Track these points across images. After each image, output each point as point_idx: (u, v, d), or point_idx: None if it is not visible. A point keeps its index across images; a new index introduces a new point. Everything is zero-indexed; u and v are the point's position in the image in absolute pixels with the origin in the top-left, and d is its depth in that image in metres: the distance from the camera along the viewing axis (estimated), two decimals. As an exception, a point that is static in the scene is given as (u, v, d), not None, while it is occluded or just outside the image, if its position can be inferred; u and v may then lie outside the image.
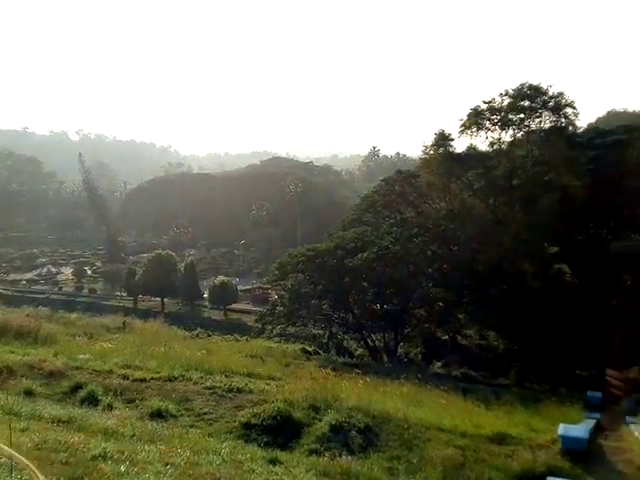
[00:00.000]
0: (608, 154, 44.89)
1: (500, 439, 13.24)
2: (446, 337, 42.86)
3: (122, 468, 6.82)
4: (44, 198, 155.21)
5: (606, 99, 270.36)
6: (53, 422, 10.08)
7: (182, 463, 8.04)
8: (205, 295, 75.37)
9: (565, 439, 12.63)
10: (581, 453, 12.42)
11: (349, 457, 11.51)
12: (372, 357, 39.88)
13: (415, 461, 11.93)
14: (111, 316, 44.29)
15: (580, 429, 13.62)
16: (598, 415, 19.56)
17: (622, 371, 36.26)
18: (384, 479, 10.58)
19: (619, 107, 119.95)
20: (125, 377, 15.56)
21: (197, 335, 44.69)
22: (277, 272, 44.90)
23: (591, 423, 16.40)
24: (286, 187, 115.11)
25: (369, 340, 41.73)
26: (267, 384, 16.77)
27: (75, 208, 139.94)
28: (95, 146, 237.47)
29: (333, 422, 12.98)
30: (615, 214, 46.64)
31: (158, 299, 76.36)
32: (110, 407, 12.86)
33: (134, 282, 76.22)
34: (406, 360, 39.20)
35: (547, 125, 42.34)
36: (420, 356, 40.21)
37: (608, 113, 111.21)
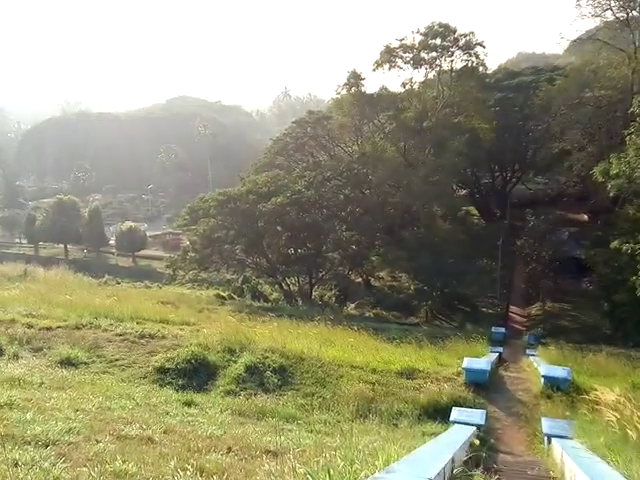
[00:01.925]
0: (516, 96, 46.51)
1: (409, 374, 13.73)
2: (359, 279, 43.79)
3: (29, 416, 6.55)
4: None
5: (516, 41, 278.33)
6: None
7: (93, 409, 7.87)
8: (112, 242, 72.36)
9: (468, 371, 13.24)
10: (483, 384, 13.07)
11: (265, 396, 11.82)
12: (287, 301, 40.05)
13: (328, 397, 12.31)
14: (11, 264, 42.13)
15: (482, 362, 14.26)
16: (501, 349, 20.77)
17: (524, 308, 38.93)
18: (299, 415, 10.80)
19: (529, 50, 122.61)
20: (30, 326, 15.10)
21: (105, 282, 43.29)
22: (188, 217, 43.64)
23: (494, 356, 17.33)
24: (195, 128, 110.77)
25: (284, 284, 41.85)
26: (181, 329, 16.70)
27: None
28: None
29: (248, 363, 13.19)
30: (519, 157, 48.88)
31: (61, 246, 72.39)
32: (16, 357, 12.51)
33: (35, 229, 71.69)
34: (320, 303, 39.70)
35: (459, 65, 43.02)
36: (334, 299, 40.86)
37: (518, 55, 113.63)
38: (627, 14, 37.16)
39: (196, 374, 12.80)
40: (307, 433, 8.88)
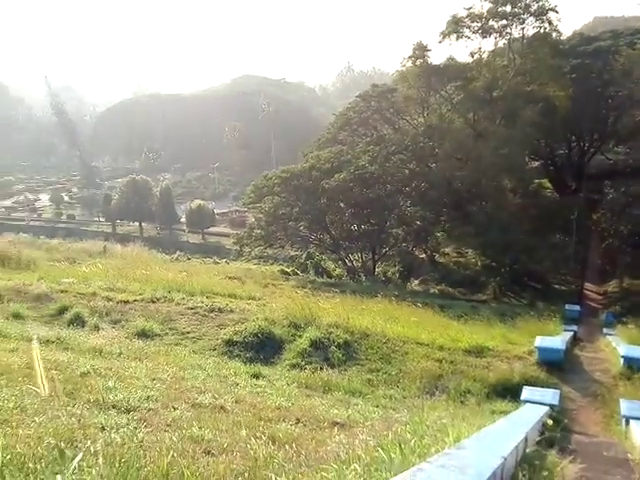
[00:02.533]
0: (593, 62, 43.83)
1: (477, 352, 13.38)
2: (424, 255, 43.12)
3: (110, 383, 6.82)
4: (14, 124, 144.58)
5: (592, 5, 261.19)
6: (42, 342, 10.07)
7: (168, 378, 8.14)
8: (182, 219, 74.99)
9: (541, 350, 12.72)
10: (557, 363, 12.56)
11: (330, 370, 11.78)
12: (350, 277, 40.07)
13: (394, 373, 12.21)
14: (91, 241, 45.02)
15: (557, 340, 13.70)
16: (575, 328, 19.85)
17: (600, 285, 37.11)
18: (364, 390, 10.78)
19: (606, 13, 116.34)
20: (109, 299, 15.71)
21: (177, 258, 44.91)
22: (253, 195, 44.41)
23: (568, 335, 16.58)
24: (258, 106, 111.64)
25: (347, 260, 41.85)
26: (247, 304, 16.90)
27: (47, 134, 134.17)
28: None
29: (313, 338, 13.24)
30: (599, 125, 46.08)
31: (136, 224, 75.93)
32: (97, 328, 13.05)
33: (111, 208, 75.72)
34: (384, 279, 39.43)
35: (530, 32, 41.00)
36: (398, 275, 40.48)
37: (594, 19, 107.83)
38: None
39: (263, 347, 13.02)
40: (373, 407, 8.84)
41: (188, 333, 13.88)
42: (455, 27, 40.91)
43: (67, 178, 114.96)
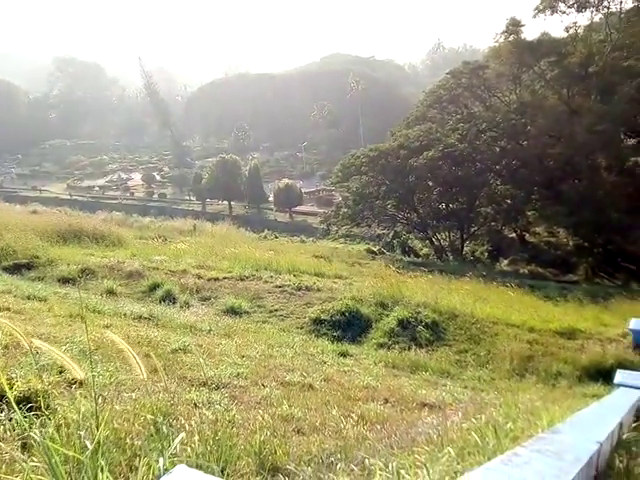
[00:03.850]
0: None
1: (569, 334, 13.08)
2: (513, 235, 42.10)
3: (201, 360, 6.89)
4: (108, 105, 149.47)
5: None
6: (135, 319, 10.32)
7: (257, 355, 8.21)
8: (270, 198, 76.19)
9: (636, 333, 12.21)
10: None
11: (417, 350, 11.74)
12: (437, 256, 39.87)
13: (483, 354, 12.06)
14: (182, 219, 45.70)
15: None
16: (672, 310, 18.94)
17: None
18: (453, 371, 10.72)
19: None
20: (199, 276, 15.91)
21: (265, 237, 45.69)
22: (340, 174, 44.73)
23: (664, 317, 15.93)
24: (347, 84, 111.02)
25: (434, 239, 41.58)
26: (334, 283, 16.90)
27: (139, 114, 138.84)
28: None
29: (400, 317, 13.11)
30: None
31: (225, 203, 77.59)
32: (187, 305, 13.20)
33: (201, 186, 77.51)
34: (472, 258, 38.98)
35: (629, 5, 38.79)
36: (486, 254, 39.85)
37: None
38: None
39: (350, 326, 12.95)
40: (462, 389, 8.75)
41: (276, 311, 13.89)
42: (550, 2, 39.40)
43: (159, 157, 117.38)
